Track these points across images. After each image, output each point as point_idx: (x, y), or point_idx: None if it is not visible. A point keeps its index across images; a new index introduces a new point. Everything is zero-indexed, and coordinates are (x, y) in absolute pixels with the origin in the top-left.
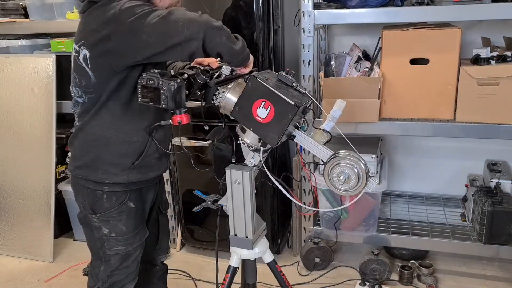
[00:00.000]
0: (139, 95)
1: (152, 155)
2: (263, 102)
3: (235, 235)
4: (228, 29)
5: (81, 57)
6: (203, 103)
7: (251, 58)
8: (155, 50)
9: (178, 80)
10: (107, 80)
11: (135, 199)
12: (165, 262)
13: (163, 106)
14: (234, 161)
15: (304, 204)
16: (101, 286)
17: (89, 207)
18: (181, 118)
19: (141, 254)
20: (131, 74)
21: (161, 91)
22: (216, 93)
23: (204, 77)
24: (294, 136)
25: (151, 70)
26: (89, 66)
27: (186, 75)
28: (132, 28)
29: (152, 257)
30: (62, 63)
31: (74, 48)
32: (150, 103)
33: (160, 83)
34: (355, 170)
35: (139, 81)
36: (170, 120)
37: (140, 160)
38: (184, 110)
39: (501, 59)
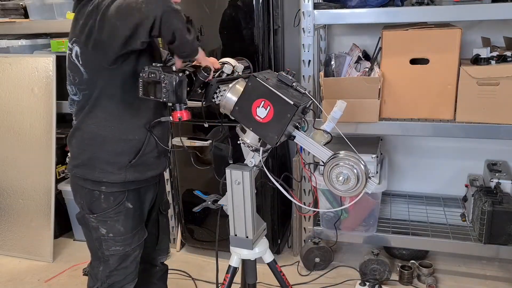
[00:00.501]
0: (140, 89)
1: (150, 153)
2: (263, 102)
3: (235, 235)
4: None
5: (73, 54)
6: (204, 101)
7: (201, 53)
8: (124, 32)
9: (180, 74)
10: (98, 76)
11: (133, 199)
12: (165, 262)
13: (164, 99)
14: (232, 162)
15: (304, 204)
16: (100, 287)
17: (87, 207)
18: (181, 114)
19: (140, 254)
20: (122, 69)
21: (163, 85)
22: (217, 91)
23: (205, 74)
24: (294, 137)
25: (153, 64)
26: (80, 62)
27: (187, 72)
28: (104, 14)
29: (152, 258)
30: (62, 63)
31: (68, 47)
32: (151, 97)
33: (162, 76)
34: (355, 171)
35: (141, 74)
36: (170, 117)
37: (137, 158)
38: (184, 106)
39: (501, 59)
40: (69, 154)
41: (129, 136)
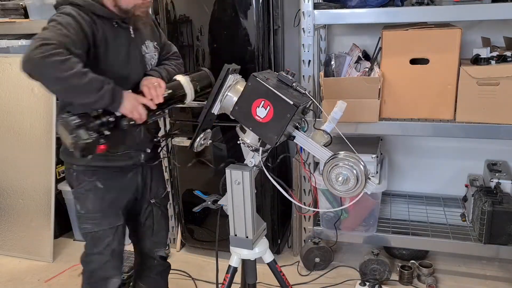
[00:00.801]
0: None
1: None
2: (263, 102)
3: (235, 235)
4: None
5: None
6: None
7: (130, 104)
8: None
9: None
10: None
11: (103, 179)
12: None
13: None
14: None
15: (304, 204)
16: (84, 274)
17: (68, 183)
18: (102, 147)
19: (115, 243)
20: None
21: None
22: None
23: (124, 123)
24: (294, 137)
25: (66, 114)
26: None
27: (112, 119)
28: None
29: (149, 249)
30: None
31: None
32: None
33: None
34: (354, 171)
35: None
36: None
37: None
38: (102, 142)
39: (501, 59)
40: None
41: None
